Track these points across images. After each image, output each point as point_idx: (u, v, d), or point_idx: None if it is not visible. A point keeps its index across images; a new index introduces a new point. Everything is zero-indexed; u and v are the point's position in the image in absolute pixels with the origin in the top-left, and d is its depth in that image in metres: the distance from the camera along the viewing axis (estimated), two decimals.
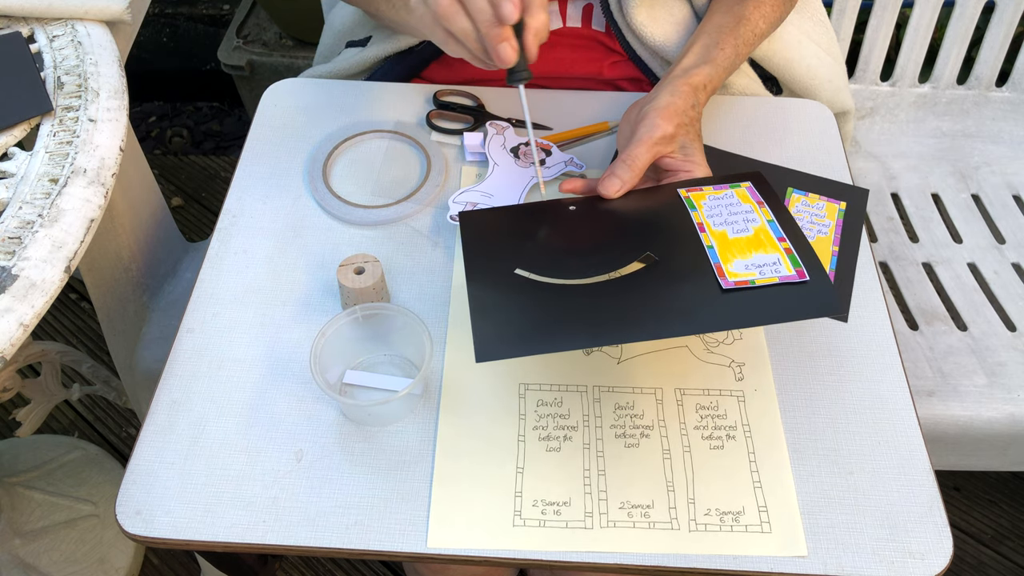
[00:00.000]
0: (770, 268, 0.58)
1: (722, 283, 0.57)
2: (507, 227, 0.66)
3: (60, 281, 0.60)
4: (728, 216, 0.62)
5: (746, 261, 0.58)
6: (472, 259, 0.61)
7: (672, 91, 0.71)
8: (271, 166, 0.81)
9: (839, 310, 0.55)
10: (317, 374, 0.61)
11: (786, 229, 0.60)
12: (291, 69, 1.63)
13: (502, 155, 0.80)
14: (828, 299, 0.56)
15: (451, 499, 0.60)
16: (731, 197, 0.63)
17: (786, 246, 0.59)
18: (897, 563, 0.57)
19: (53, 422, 1.43)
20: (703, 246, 0.59)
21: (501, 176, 0.78)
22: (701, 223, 0.62)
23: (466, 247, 0.63)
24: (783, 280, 0.57)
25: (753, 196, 0.63)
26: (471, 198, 0.76)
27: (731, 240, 0.60)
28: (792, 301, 0.56)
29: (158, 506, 0.59)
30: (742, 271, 0.58)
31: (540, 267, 0.59)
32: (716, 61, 0.76)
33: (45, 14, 0.79)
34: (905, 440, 0.63)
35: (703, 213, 0.62)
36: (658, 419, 0.64)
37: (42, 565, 1.13)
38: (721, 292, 0.57)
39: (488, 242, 0.63)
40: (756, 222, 0.61)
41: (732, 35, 0.78)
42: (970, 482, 1.38)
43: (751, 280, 0.57)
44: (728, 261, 0.59)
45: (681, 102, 0.71)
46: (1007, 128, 1.24)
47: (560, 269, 0.59)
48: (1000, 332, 1.01)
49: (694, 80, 0.73)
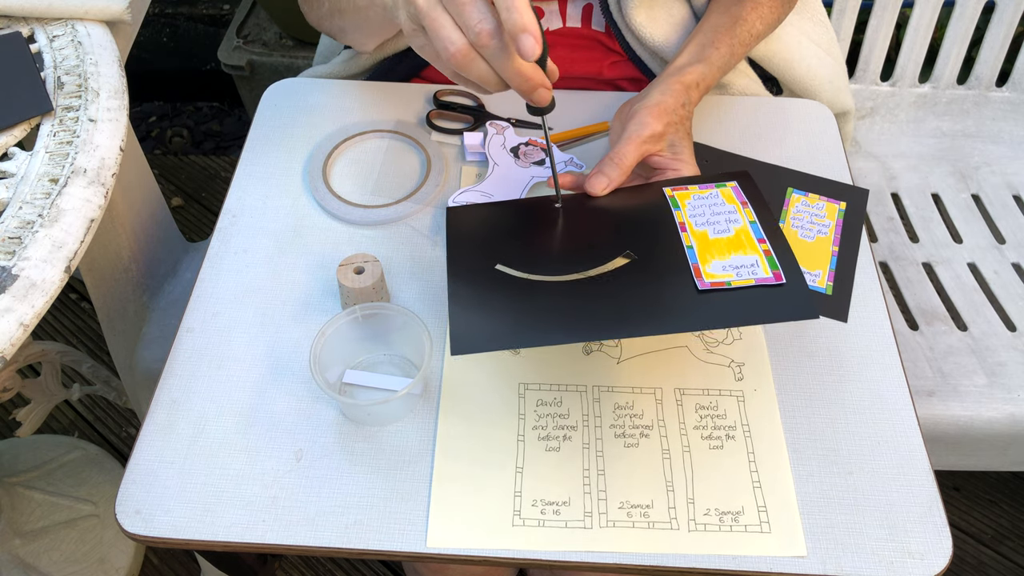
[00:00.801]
0: (747, 270, 0.58)
1: (698, 283, 0.57)
2: (492, 222, 0.66)
3: (60, 281, 0.60)
4: (711, 216, 0.62)
5: (724, 262, 0.59)
6: (454, 254, 0.61)
7: (663, 90, 0.71)
8: (271, 166, 0.81)
9: (814, 314, 0.55)
10: (317, 374, 0.61)
11: (767, 230, 0.60)
12: (291, 69, 1.63)
13: (502, 155, 0.80)
14: (803, 303, 0.56)
15: (451, 499, 0.60)
16: (716, 197, 0.63)
17: (765, 248, 0.59)
18: (897, 563, 0.57)
19: (53, 422, 1.43)
20: (683, 246, 0.59)
21: (501, 176, 0.78)
22: (683, 223, 0.62)
23: (450, 241, 0.63)
24: (760, 282, 0.57)
25: (738, 196, 0.63)
26: (471, 198, 0.76)
27: (711, 240, 0.60)
28: (767, 304, 0.56)
29: (158, 506, 0.59)
30: (719, 272, 0.58)
31: (521, 263, 0.59)
32: (710, 60, 0.76)
33: (45, 14, 0.79)
34: (905, 440, 0.63)
35: (686, 213, 0.62)
36: (658, 419, 0.64)
37: (42, 565, 1.13)
38: (697, 293, 0.57)
39: (472, 237, 0.64)
40: (738, 223, 0.61)
41: (728, 35, 0.78)
42: (970, 482, 1.38)
43: (727, 281, 0.57)
44: (706, 262, 0.59)
45: (671, 100, 0.71)
46: (1007, 128, 1.24)
47: (540, 265, 0.59)
48: (1000, 332, 1.01)
49: (686, 78, 0.73)
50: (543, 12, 0.86)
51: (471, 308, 0.57)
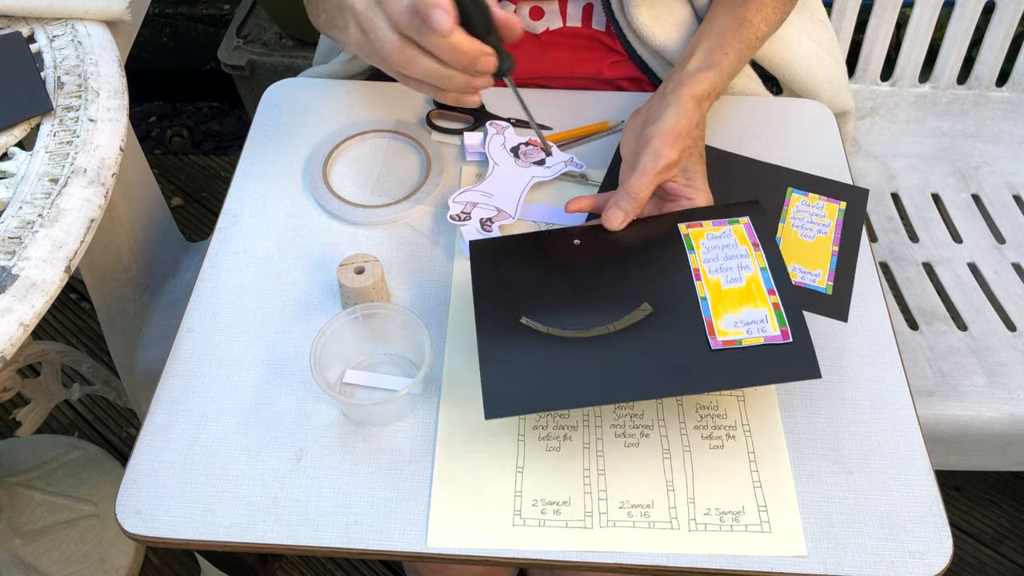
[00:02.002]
0: (757, 327, 0.61)
1: (712, 343, 0.61)
2: (514, 258, 0.68)
3: (60, 281, 0.60)
4: (724, 261, 0.65)
5: (736, 317, 0.62)
6: (481, 302, 0.64)
7: (677, 112, 0.70)
8: (271, 166, 0.81)
9: (817, 375, 0.59)
10: (317, 374, 0.61)
11: (777, 279, 0.63)
12: (291, 69, 1.63)
13: (502, 155, 0.80)
14: (808, 363, 0.60)
15: (451, 498, 0.60)
16: (729, 236, 0.66)
17: (775, 300, 0.62)
18: (897, 563, 0.57)
19: (53, 422, 1.43)
20: (697, 298, 0.63)
21: (501, 176, 0.78)
22: (697, 269, 0.65)
23: (476, 285, 0.66)
24: (768, 340, 0.61)
25: (750, 236, 0.66)
26: (471, 198, 0.76)
27: (724, 291, 0.63)
28: (774, 363, 0.60)
29: (158, 505, 0.59)
30: (731, 329, 0.61)
31: (545, 313, 0.63)
32: (720, 66, 0.75)
33: (45, 14, 0.79)
34: (905, 440, 0.63)
35: (700, 256, 0.65)
36: (658, 419, 0.64)
37: (42, 565, 1.13)
38: (710, 352, 0.60)
39: (496, 279, 0.66)
40: (749, 270, 0.64)
41: (736, 38, 0.77)
42: (970, 482, 1.38)
43: (738, 340, 0.61)
44: (719, 316, 0.62)
45: (685, 122, 0.69)
46: (1007, 128, 1.24)
47: (563, 314, 0.63)
48: (1000, 332, 1.01)
49: (698, 90, 0.72)
50: (543, 12, 0.86)
51: (501, 370, 0.61)
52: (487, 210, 0.75)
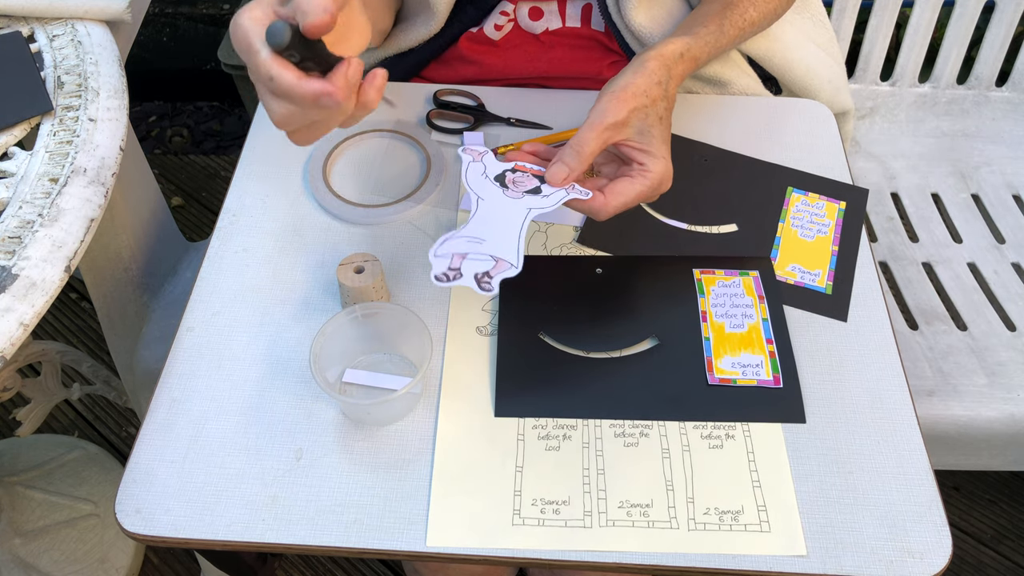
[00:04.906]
0: (752, 370, 0.66)
1: (709, 378, 0.66)
2: (540, 278, 0.72)
3: (60, 281, 0.61)
4: (730, 308, 0.70)
5: (734, 359, 0.67)
6: (506, 312, 0.70)
7: (636, 69, 0.67)
8: (271, 166, 0.81)
9: (802, 420, 0.64)
10: (317, 373, 0.61)
11: (776, 332, 0.69)
12: None
13: (485, 187, 0.66)
14: (795, 408, 0.64)
15: (450, 498, 0.60)
16: (738, 287, 0.72)
17: (771, 349, 0.67)
18: (896, 562, 0.57)
19: (53, 422, 1.43)
20: (701, 338, 0.68)
21: (489, 213, 0.64)
22: (705, 312, 0.70)
23: (502, 294, 0.70)
24: (761, 384, 0.66)
25: (757, 289, 0.71)
26: (456, 248, 0.61)
27: (726, 335, 0.68)
28: (764, 404, 0.65)
29: (158, 505, 0.59)
30: (728, 368, 0.66)
31: (561, 333, 0.69)
32: (697, 34, 0.73)
33: (45, 14, 0.79)
34: (905, 440, 0.63)
35: (709, 301, 0.71)
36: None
37: (42, 565, 1.13)
38: (706, 386, 0.66)
39: (522, 293, 0.71)
40: (752, 319, 0.69)
41: (717, 16, 0.76)
42: (970, 482, 1.38)
43: (733, 379, 0.66)
44: (719, 356, 0.67)
45: (642, 81, 0.66)
46: (1007, 128, 1.24)
47: (577, 336, 0.68)
48: (1000, 332, 1.01)
49: (666, 51, 0.69)
50: (542, 12, 0.87)
51: (515, 375, 0.66)
52: (481, 261, 0.61)
